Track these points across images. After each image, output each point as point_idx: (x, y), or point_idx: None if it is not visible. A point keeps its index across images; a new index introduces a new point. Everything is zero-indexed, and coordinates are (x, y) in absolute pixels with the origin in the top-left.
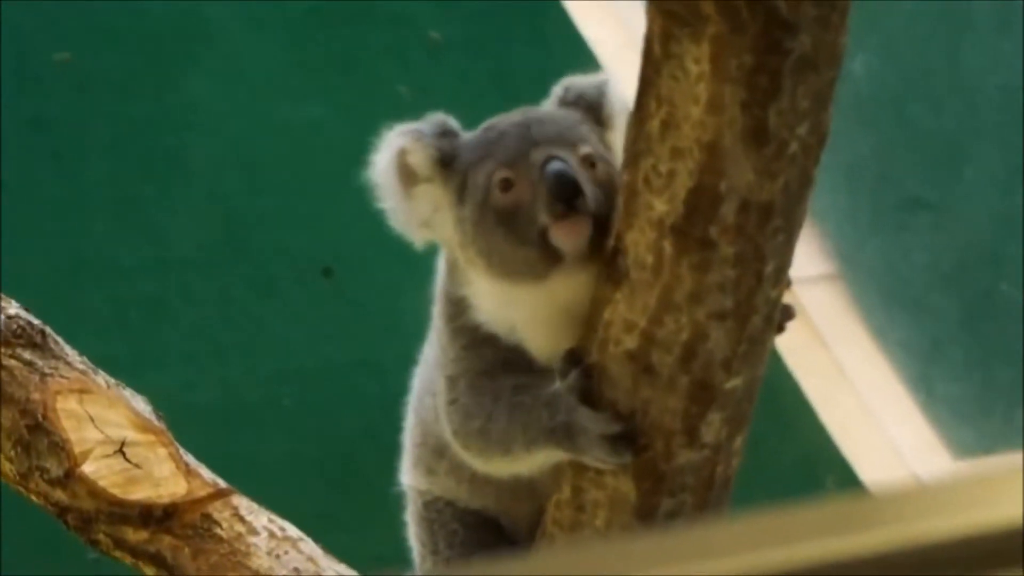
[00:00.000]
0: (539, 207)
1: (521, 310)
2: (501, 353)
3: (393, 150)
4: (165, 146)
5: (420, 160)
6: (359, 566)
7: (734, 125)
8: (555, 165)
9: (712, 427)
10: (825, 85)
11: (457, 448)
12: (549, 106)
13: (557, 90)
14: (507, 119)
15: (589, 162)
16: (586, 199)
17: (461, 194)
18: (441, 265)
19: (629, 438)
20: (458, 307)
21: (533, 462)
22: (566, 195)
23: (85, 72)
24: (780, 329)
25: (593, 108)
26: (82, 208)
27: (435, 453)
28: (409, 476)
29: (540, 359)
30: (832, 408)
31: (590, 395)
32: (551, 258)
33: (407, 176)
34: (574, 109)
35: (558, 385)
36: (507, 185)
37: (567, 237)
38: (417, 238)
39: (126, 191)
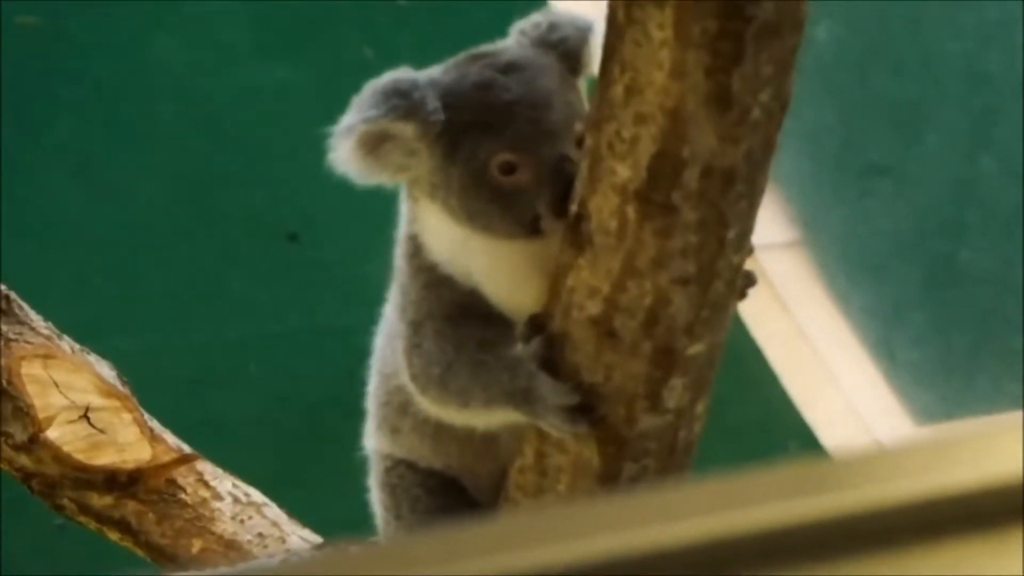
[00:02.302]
0: (541, 200)
1: (479, 257)
2: (460, 296)
3: (362, 135)
4: (130, 109)
5: (410, 133)
6: (324, 529)
7: (697, 91)
8: (568, 169)
9: (675, 392)
10: (788, 51)
11: (414, 392)
12: (526, 41)
13: (539, 25)
14: (505, 82)
15: (580, 141)
16: None
17: (450, 153)
18: (403, 206)
19: (587, 409)
20: (416, 246)
21: (490, 419)
22: (570, 195)
23: (50, 35)
24: (742, 295)
25: (570, 56)
26: (46, 172)
27: (399, 411)
28: (373, 440)
29: (498, 307)
30: (794, 373)
31: (551, 363)
32: (533, 232)
33: (376, 142)
34: (549, 51)
35: (520, 349)
36: (509, 168)
37: (557, 224)
38: (388, 183)
39: (91, 154)
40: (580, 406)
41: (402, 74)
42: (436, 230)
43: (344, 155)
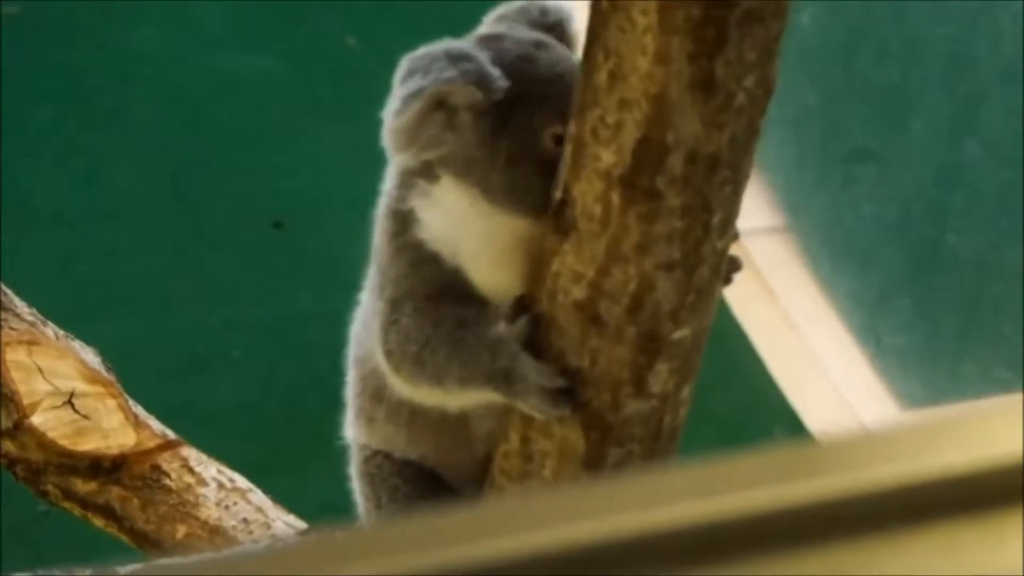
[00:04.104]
0: None
1: (474, 236)
2: (442, 276)
3: (431, 97)
4: (113, 97)
5: (477, 99)
6: (308, 514)
7: (681, 76)
8: None
9: (659, 377)
10: (771, 37)
11: (387, 370)
12: (519, 26)
13: (529, 10)
14: (545, 56)
15: None
16: None
17: (499, 126)
18: (388, 183)
19: (570, 393)
20: (403, 222)
21: (464, 399)
22: None
23: (34, 24)
24: (727, 281)
25: (564, 39)
26: (29, 159)
27: (374, 398)
28: (351, 429)
29: (480, 288)
30: (780, 359)
31: (535, 344)
32: None
33: (431, 110)
34: (545, 33)
35: (503, 329)
36: (560, 139)
37: None
38: (412, 161)
39: (73, 142)
40: (564, 390)
41: (458, 42)
42: (447, 208)
43: (408, 121)
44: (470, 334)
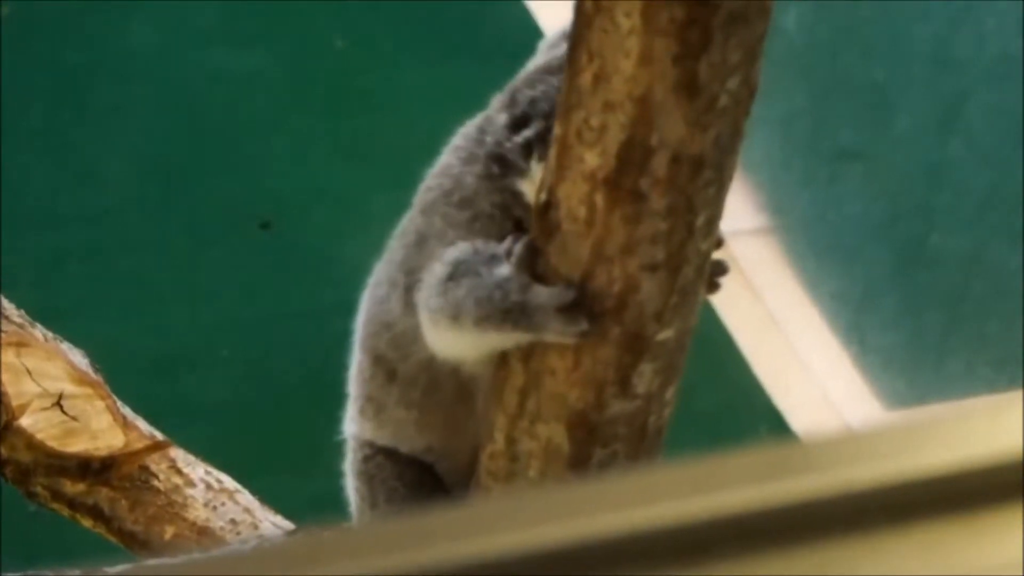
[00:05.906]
0: None
1: None
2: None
3: None
4: (104, 95)
5: None
6: (297, 511)
7: (665, 78)
8: None
9: (644, 378)
10: (755, 39)
11: (422, 309)
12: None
13: None
14: None
15: None
16: None
17: None
18: (489, 136)
19: (582, 306)
20: (507, 168)
21: (479, 343)
22: None
23: (27, 22)
24: (715, 286)
25: None
26: (19, 157)
27: (386, 381)
28: (355, 424)
29: None
30: (764, 358)
31: (536, 268)
32: None
33: None
34: None
35: (507, 267)
36: None
37: None
38: None
39: (64, 140)
40: (577, 302)
41: None
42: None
43: None
44: (487, 271)
